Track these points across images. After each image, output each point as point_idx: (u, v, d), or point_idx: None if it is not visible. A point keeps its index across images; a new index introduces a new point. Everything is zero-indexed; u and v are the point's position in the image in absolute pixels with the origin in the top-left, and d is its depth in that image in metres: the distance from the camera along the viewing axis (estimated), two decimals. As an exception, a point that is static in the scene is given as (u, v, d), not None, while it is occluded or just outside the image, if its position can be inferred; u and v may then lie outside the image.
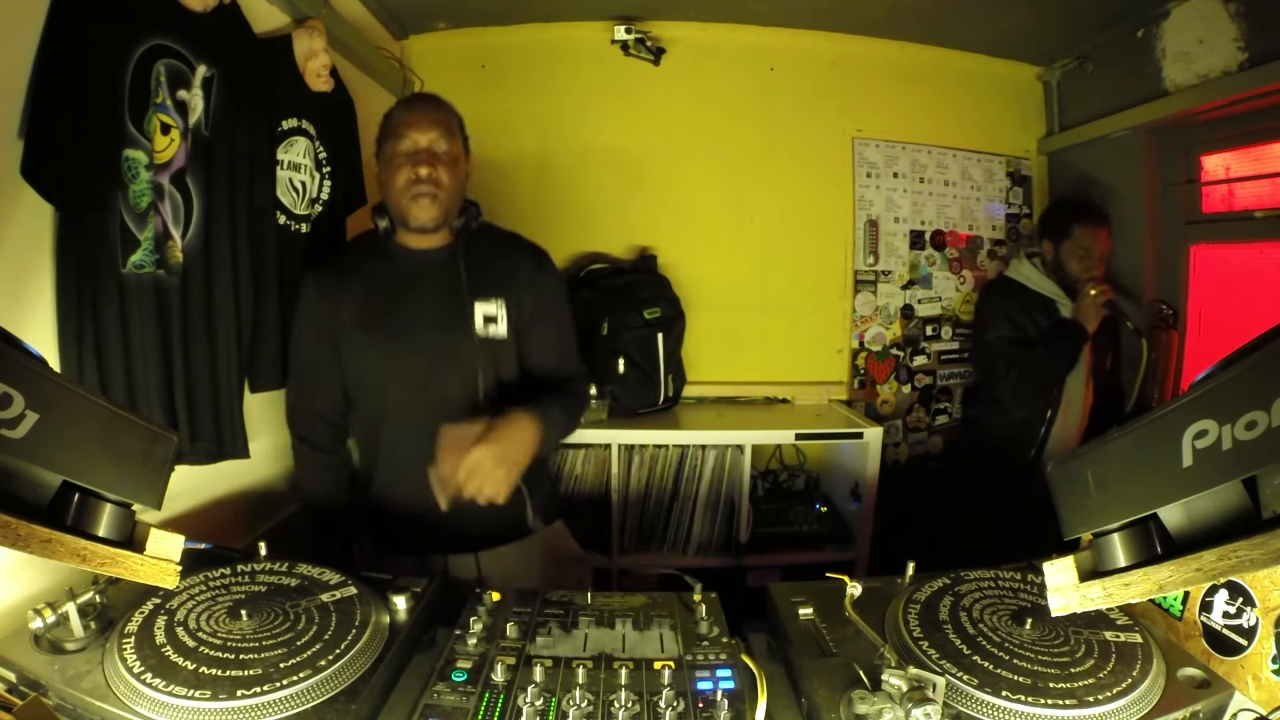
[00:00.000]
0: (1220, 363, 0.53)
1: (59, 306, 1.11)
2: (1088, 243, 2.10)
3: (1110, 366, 2.18)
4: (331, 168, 1.79)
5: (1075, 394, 2.14)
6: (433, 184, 1.26)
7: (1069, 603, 0.64)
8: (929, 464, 2.74)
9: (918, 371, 2.75)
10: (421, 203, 1.26)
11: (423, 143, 1.27)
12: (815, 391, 2.63)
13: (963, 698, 0.74)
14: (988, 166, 2.72)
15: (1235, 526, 0.53)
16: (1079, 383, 2.14)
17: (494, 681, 0.76)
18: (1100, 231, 2.12)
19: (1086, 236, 2.10)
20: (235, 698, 0.70)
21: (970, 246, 2.74)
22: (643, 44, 2.36)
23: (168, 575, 0.67)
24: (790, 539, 2.32)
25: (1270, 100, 1.83)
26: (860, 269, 2.66)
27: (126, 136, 1.18)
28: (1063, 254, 2.15)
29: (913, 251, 2.70)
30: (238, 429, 1.44)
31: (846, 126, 2.61)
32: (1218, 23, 1.91)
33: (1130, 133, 2.28)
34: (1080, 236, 2.11)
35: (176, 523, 1.27)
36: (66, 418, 0.58)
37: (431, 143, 1.27)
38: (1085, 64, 2.45)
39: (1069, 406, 2.14)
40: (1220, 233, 2.13)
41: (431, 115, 1.30)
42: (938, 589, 0.95)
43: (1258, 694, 0.78)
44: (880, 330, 2.71)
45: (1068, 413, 2.14)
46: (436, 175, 1.26)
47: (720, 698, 0.73)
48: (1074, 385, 2.14)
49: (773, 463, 2.65)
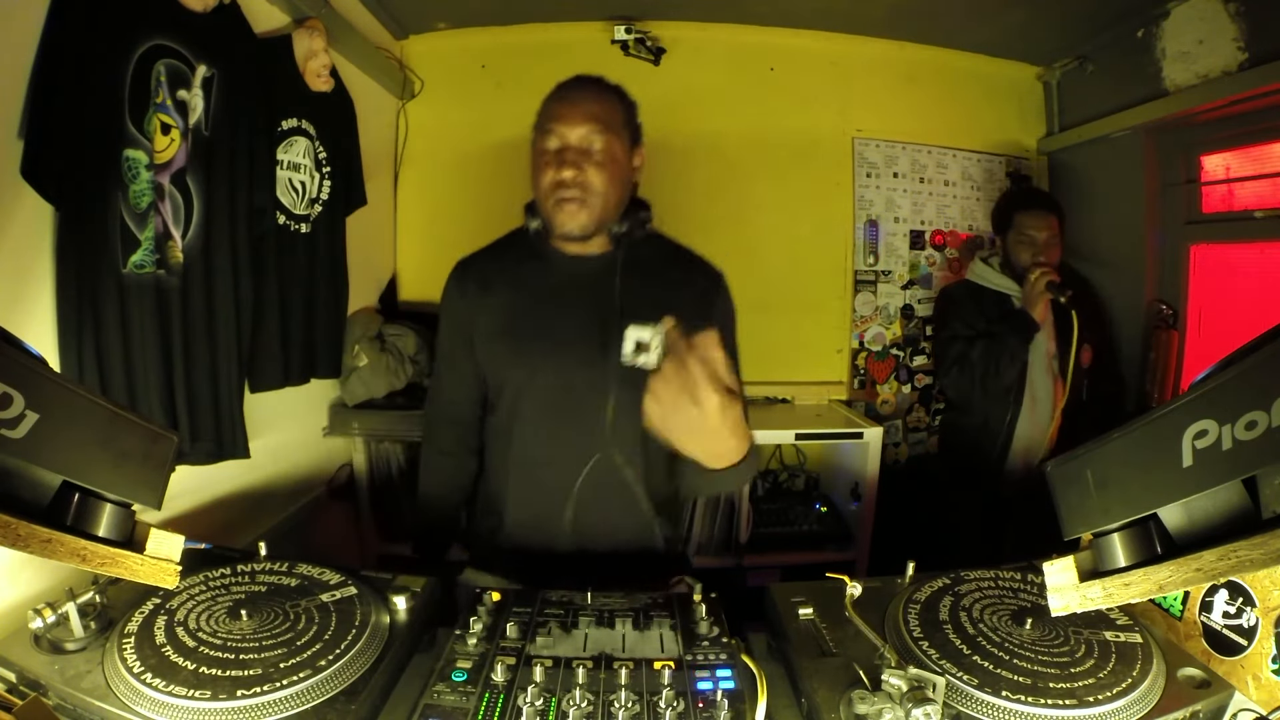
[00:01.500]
0: (1220, 363, 0.53)
1: (59, 306, 1.11)
2: (1029, 229, 2.07)
3: (1090, 362, 2.09)
4: (331, 168, 1.79)
5: (1042, 392, 2.07)
6: (579, 188, 1.09)
7: (1069, 603, 0.64)
8: (929, 464, 2.74)
9: (918, 371, 2.75)
10: (566, 209, 1.10)
11: (571, 139, 1.10)
12: (815, 391, 2.64)
13: (963, 698, 0.74)
14: (988, 166, 2.72)
15: (1235, 526, 0.53)
16: (1044, 380, 2.07)
17: (494, 681, 0.76)
18: (1043, 217, 2.07)
19: (1026, 223, 2.08)
20: (235, 698, 0.70)
21: (970, 246, 2.74)
22: (643, 44, 2.36)
23: (168, 575, 0.67)
24: (790, 539, 2.32)
25: (1270, 100, 1.83)
26: (860, 269, 2.67)
27: (126, 136, 1.18)
28: (1010, 245, 2.13)
29: (913, 251, 2.70)
30: (238, 429, 1.45)
31: (846, 126, 2.62)
32: (1218, 23, 1.91)
33: (1130, 133, 2.28)
34: (1021, 224, 2.09)
35: (176, 523, 1.27)
36: (66, 418, 0.58)
37: (581, 140, 1.10)
38: (1085, 64, 2.45)
39: (1035, 405, 2.07)
40: (1220, 233, 2.13)
41: (586, 106, 1.12)
42: (938, 589, 0.95)
43: (1258, 694, 0.78)
44: (880, 330, 2.71)
45: (1034, 412, 2.07)
46: (584, 178, 1.09)
47: (720, 698, 0.73)
48: (1039, 383, 2.06)
49: (773, 463, 2.65)
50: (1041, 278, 1.97)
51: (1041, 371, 2.06)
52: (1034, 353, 2.04)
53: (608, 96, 1.16)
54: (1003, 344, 2.00)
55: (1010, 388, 2.05)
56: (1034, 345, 2.03)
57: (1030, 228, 2.07)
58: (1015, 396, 2.06)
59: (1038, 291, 1.98)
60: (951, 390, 2.14)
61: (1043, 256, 2.04)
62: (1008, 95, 2.71)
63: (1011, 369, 2.02)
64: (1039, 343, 2.03)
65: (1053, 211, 2.10)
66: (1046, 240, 2.06)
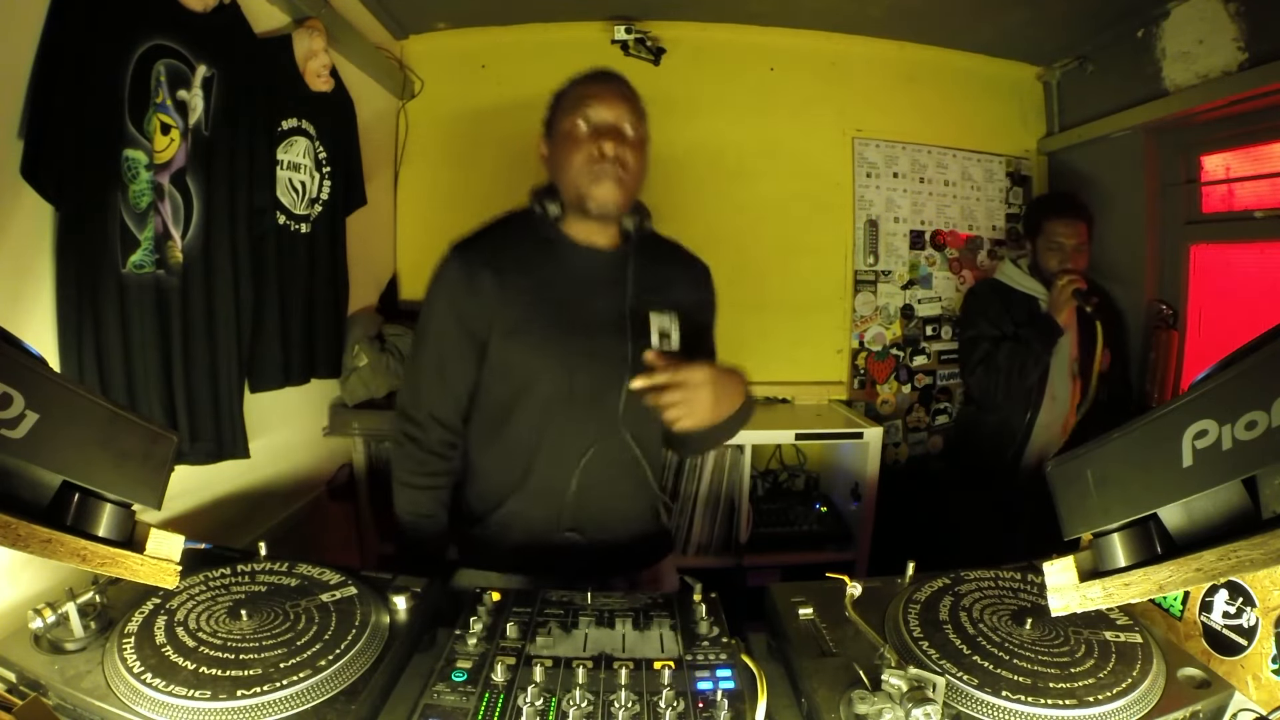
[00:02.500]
0: (1220, 363, 0.53)
1: (59, 306, 1.11)
2: (1059, 236, 2.08)
3: (1108, 367, 2.12)
4: (331, 168, 1.79)
5: (1061, 391, 2.10)
6: (619, 165, 1.11)
7: (1069, 603, 0.64)
8: (929, 464, 2.74)
9: (918, 371, 2.75)
10: (605, 184, 1.11)
11: (610, 119, 1.12)
12: (815, 391, 2.64)
13: (963, 698, 0.74)
14: (988, 166, 2.72)
15: (1235, 526, 0.53)
16: (1064, 380, 2.10)
17: (494, 681, 0.76)
18: (1072, 224, 2.08)
19: (1056, 230, 2.09)
20: (235, 698, 0.70)
21: (970, 246, 2.74)
22: (643, 44, 2.36)
23: (168, 575, 0.67)
24: (790, 539, 2.32)
25: (1270, 100, 1.83)
26: (860, 269, 2.66)
27: (126, 136, 1.18)
28: (1039, 250, 2.14)
29: (913, 251, 2.70)
30: (238, 429, 1.45)
31: (846, 126, 2.62)
32: (1218, 23, 1.91)
33: (1130, 133, 2.28)
34: (1050, 231, 2.10)
35: (176, 523, 1.27)
36: (66, 418, 0.58)
37: (619, 119, 1.13)
38: (1085, 64, 2.45)
39: (1053, 404, 2.09)
40: (1220, 233, 2.13)
41: (621, 90, 1.16)
42: (938, 589, 0.95)
43: (1258, 694, 0.78)
44: (880, 330, 2.71)
45: (1051, 411, 2.10)
46: (624, 155, 1.12)
47: (720, 698, 0.73)
48: (1059, 383, 2.09)
49: (773, 463, 2.65)
50: (1069, 285, 1.99)
51: (1062, 373, 2.09)
52: (1056, 355, 2.06)
53: (633, 90, 1.20)
54: (1028, 347, 2.03)
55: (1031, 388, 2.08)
56: (1057, 348, 2.05)
57: (1060, 235, 2.08)
58: (1035, 397, 2.09)
59: (1064, 298, 2.00)
60: (976, 389, 2.17)
61: (1070, 263, 2.06)
62: (1008, 95, 2.71)
63: (1035, 371, 2.05)
64: (1062, 346, 2.06)
65: (1082, 219, 2.11)
66: (1075, 247, 2.08)
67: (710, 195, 2.54)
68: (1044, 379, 2.08)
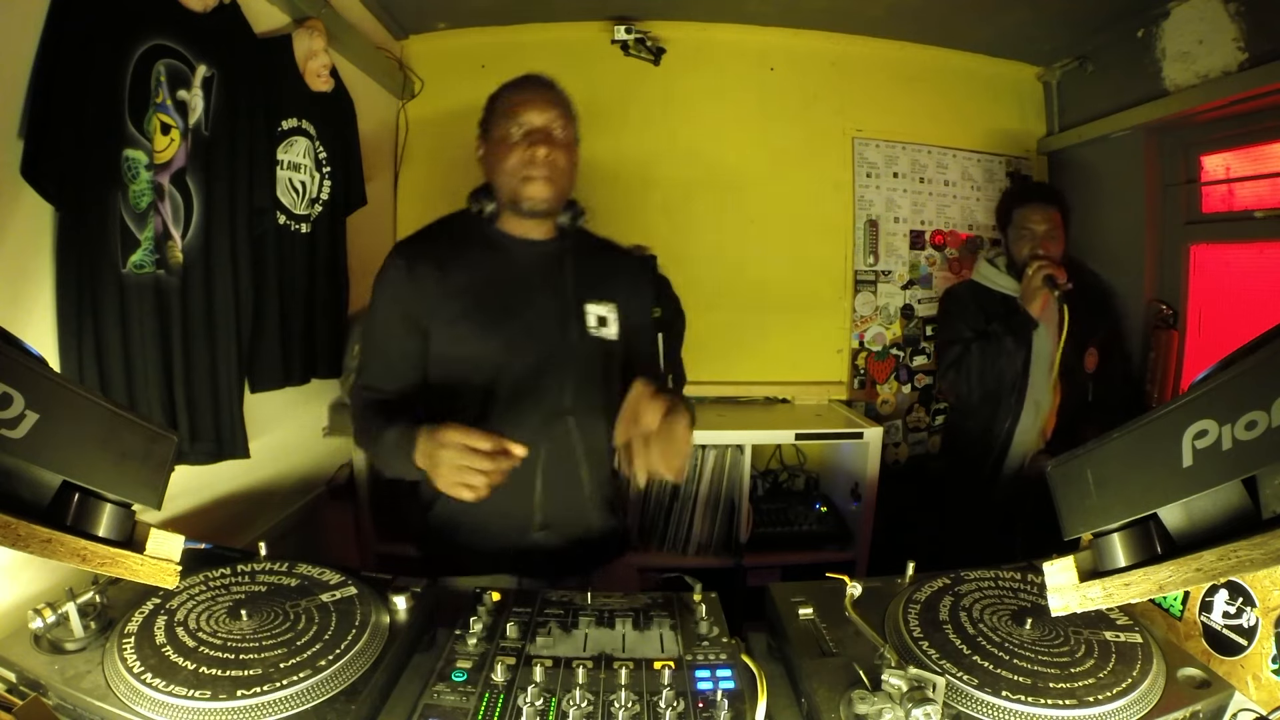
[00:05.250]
0: (1220, 363, 0.53)
1: (59, 306, 1.11)
2: (1029, 222, 2.03)
3: (1095, 367, 2.03)
4: (331, 168, 1.79)
5: (1042, 396, 2.01)
6: (549, 166, 1.18)
7: (1069, 603, 0.64)
8: (929, 464, 2.74)
9: (918, 371, 2.75)
10: (536, 184, 1.19)
11: (539, 122, 1.20)
12: (815, 391, 2.64)
13: (963, 698, 0.74)
14: (988, 166, 2.72)
15: (1235, 526, 0.53)
16: (1045, 384, 2.01)
17: (494, 681, 0.76)
18: (1041, 209, 2.03)
19: (1025, 216, 2.04)
20: (235, 698, 0.70)
21: (970, 246, 2.74)
22: (643, 44, 2.36)
23: (168, 575, 0.67)
24: (790, 539, 2.32)
25: (1270, 100, 1.83)
26: (860, 269, 2.66)
27: (126, 136, 1.18)
28: (1011, 241, 2.09)
29: (913, 251, 2.70)
30: (238, 429, 1.44)
31: (846, 126, 2.62)
32: (1218, 23, 1.91)
33: (1130, 133, 2.28)
34: (1019, 218, 2.05)
35: (176, 523, 1.27)
36: (66, 418, 0.58)
37: (548, 123, 1.20)
38: (1085, 64, 2.44)
39: (1037, 410, 2.02)
40: (1220, 233, 2.13)
41: (549, 95, 1.23)
42: (938, 589, 0.95)
43: (1258, 694, 0.78)
44: (880, 330, 2.71)
45: (1036, 416, 2.02)
46: (554, 157, 1.19)
47: (720, 698, 0.73)
48: (1040, 387, 2.01)
49: (773, 463, 2.65)
50: (1039, 271, 1.92)
51: (1043, 374, 2.01)
52: (1036, 354, 1.99)
53: (563, 94, 1.26)
54: (999, 343, 1.96)
55: (1011, 389, 2.01)
56: (1036, 347, 1.98)
57: (1029, 221, 2.03)
58: (1016, 399, 2.02)
59: (1035, 285, 1.93)
60: (949, 393, 2.12)
61: (1041, 249, 1.99)
62: (1008, 95, 2.70)
63: (1009, 369, 1.98)
64: (1042, 344, 1.98)
65: (1053, 204, 2.05)
66: (1046, 233, 2.01)
67: (710, 195, 2.53)
68: (1024, 384, 2.00)
